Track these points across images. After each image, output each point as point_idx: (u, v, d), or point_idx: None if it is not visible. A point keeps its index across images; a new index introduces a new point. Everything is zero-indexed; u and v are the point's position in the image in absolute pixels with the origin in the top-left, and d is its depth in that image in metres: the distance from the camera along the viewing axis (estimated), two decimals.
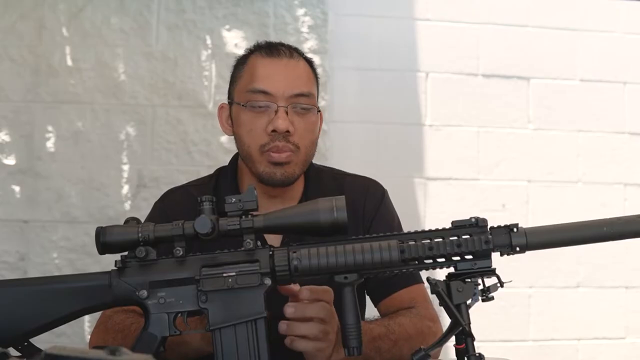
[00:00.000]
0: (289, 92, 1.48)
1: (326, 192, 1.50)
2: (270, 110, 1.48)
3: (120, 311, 1.39)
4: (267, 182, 1.50)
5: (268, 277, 1.13)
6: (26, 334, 1.15)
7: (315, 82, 1.57)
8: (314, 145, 1.55)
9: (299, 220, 1.14)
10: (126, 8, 2.73)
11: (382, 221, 1.59)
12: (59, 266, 2.62)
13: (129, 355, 0.78)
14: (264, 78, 1.49)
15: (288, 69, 1.51)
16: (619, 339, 2.94)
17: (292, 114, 1.48)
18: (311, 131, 1.52)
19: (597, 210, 2.89)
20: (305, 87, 1.51)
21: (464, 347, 1.10)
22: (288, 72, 1.50)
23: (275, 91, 1.48)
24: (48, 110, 2.67)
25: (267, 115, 1.48)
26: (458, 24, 2.94)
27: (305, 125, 1.50)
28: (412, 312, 1.49)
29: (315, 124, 1.54)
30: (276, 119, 1.46)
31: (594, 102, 3.00)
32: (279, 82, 1.48)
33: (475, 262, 1.13)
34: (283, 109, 1.47)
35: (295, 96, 1.48)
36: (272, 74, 1.49)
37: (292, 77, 1.50)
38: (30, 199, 2.64)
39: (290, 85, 1.48)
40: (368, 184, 1.66)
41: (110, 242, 1.14)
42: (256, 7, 2.77)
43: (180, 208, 1.53)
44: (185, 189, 1.64)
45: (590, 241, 1.14)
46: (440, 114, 2.90)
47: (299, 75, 1.51)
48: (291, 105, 1.48)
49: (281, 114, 1.46)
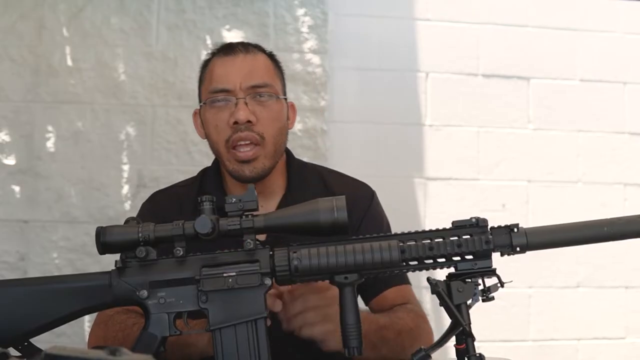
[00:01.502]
0: (245, 84, 1.51)
1: (310, 188, 1.54)
2: (231, 104, 1.51)
3: (121, 311, 1.40)
4: (238, 179, 1.52)
5: (268, 277, 1.13)
6: (26, 334, 1.15)
7: (277, 74, 1.60)
8: (282, 134, 1.56)
9: (299, 220, 1.14)
10: (126, 8, 2.73)
11: (371, 222, 1.59)
12: (59, 266, 2.62)
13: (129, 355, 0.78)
14: (221, 76, 1.53)
15: (244, 63, 1.54)
16: (619, 339, 2.94)
17: (253, 105, 1.51)
18: (276, 119, 1.54)
19: (597, 210, 2.89)
20: (262, 79, 1.53)
21: (464, 347, 1.10)
22: (244, 66, 1.53)
23: (232, 86, 1.51)
24: (48, 110, 2.67)
25: (228, 110, 1.51)
26: (458, 24, 2.94)
27: (268, 113, 1.52)
28: (407, 307, 1.52)
29: (279, 112, 1.55)
30: (236, 110, 1.49)
31: (594, 102, 3.00)
32: (235, 77, 1.52)
33: (475, 262, 1.13)
34: (242, 100, 1.50)
35: (252, 87, 1.51)
36: (228, 71, 1.53)
37: (248, 70, 1.53)
38: (30, 199, 2.64)
39: (246, 78, 1.52)
40: (356, 185, 1.67)
41: (110, 242, 1.14)
42: (256, 7, 2.77)
43: (167, 209, 1.56)
44: (171, 190, 1.68)
45: (590, 241, 1.14)
46: (440, 114, 2.90)
47: (256, 67, 1.54)
48: (250, 95, 1.51)
49: (241, 105, 1.49)
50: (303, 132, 2.73)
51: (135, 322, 1.36)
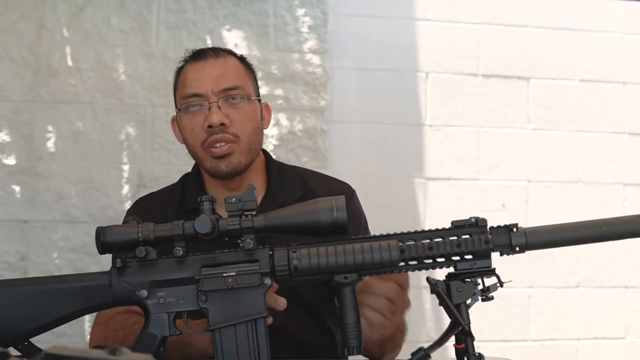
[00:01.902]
0: (217, 88, 1.54)
1: (290, 188, 1.60)
2: (204, 109, 1.54)
3: (121, 311, 1.40)
4: (216, 176, 1.56)
5: (268, 277, 1.13)
6: (26, 334, 1.15)
7: (248, 75, 1.62)
8: (256, 133, 1.59)
9: (298, 220, 1.14)
10: (126, 8, 2.73)
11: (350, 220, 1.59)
12: (59, 266, 2.62)
13: (129, 355, 0.78)
14: (192, 82, 1.57)
15: (214, 67, 1.57)
16: (618, 339, 2.94)
17: (226, 107, 1.54)
18: (249, 119, 1.57)
19: (597, 210, 2.89)
20: (233, 81, 1.56)
21: (464, 347, 1.10)
22: (214, 70, 1.57)
23: (204, 91, 1.54)
24: (48, 110, 2.67)
25: (202, 114, 1.54)
26: (458, 24, 2.94)
27: (240, 115, 1.55)
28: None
29: (252, 112, 1.58)
30: (210, 114, 1.53)
31: (593, 102, 3.00)
32: (206, 82, 1.55)
33: (475, 262, 1.13)
34: (215, 104, 1.53)
35: (224, 90, 1.55)
36: (199, 76, 1.57)
37: (218, 74, 1.56)
38: (30, 199, 2.64)
39: (217, 82, 1.55)
40: (335, 184, 1.68)
41: (110, 242, 1.14)
42: (256, 7, 2.77)
43: (153, 211, 1.59)
44: (154, 195, 1.72)
45: (589, 241, 1.14)
46: (440, 114, 2.90)
47: (226, 70, 1.57)
48: (222, 99, 1.54)
49: (214, 109, 1.53)
50: (303, 132, 2.73)
51: (136, 321, 1.36)
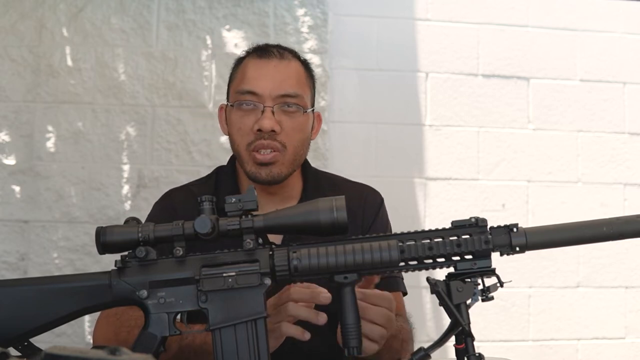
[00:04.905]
0: (275, 93, 1.51)
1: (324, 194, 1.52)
2: (257, 110, 1.51)
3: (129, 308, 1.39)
4: (254, 181, 1.53)
5: (268, 277, 1.13)
6: (26, 334, 1.15)
7: (308, 83, 1.59)
8: (304, 145, 1.57)
9: (298, 220, 1.14)
10: (126, 8, 2.73)
11: (380, 227, 1.62)
12: (59, 266, 2.62)
13: (128, 354, 0.78)
14: (252, 79, 1.53)
15: (277, 69, 1.54)
16: (618, 339, 2.94)
17: (280, 114, 1.51)
18: (300, 130, 1.54)
19: (597, 210, 2.89)
20: (293, 88, 1.53)
21: (464, 347, 1.10)
22: (276, 73, 1.53)
23: (262, 91, 1.51)
24: (48, 110, 2.67)
25: (254, 115, 1.51)
26: (458, 24, 2.94)
27: (292, 124, 1.52)
28: (400, 319, 1.50)
29: (304, 123, 1.56)
30: (262, 118, 1.50)
31: (594, 102, 3.00)
32: (266, 83, 1.52)
33: (475, 262, 1.13)
34: (269, 108, 1.50)
35: (281, 96, 1.52)
36: (260, 75, 1.53)
37: (280, 78, 1.53)
38: (30, 199, 2.64)
39: (277, 86, 1.52)
40: (367, 191, 1.69)
41: (110, 242, 1.14)
42: (256, 7, 2.77)
43: (185, 205, 1.56)
44: (187, 189, 1.67)
45: (590, 241, 1.14)
46: (440, 114, 2.90)
47: (288, 76, 1.54)
48: (278, 105, 1.51)
49: (267, 114, 1.50)
50: None
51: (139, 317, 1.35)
